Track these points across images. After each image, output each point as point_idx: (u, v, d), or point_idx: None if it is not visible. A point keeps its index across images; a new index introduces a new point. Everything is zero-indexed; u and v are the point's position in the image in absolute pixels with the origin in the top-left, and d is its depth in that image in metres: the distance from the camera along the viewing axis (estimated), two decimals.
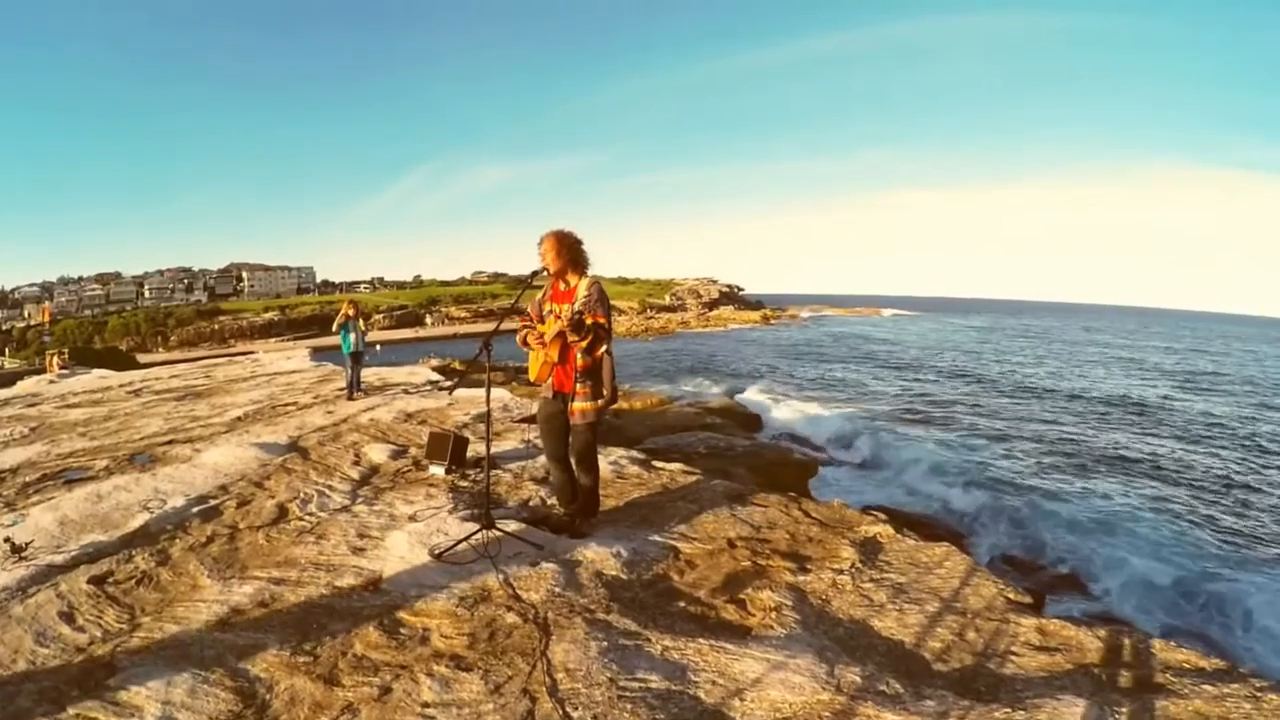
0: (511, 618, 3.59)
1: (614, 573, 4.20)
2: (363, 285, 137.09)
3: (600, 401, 4.69)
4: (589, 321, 4.41)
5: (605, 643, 3.33)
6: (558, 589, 3.91)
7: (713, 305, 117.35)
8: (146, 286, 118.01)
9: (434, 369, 21.03)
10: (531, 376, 4.81)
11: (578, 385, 4.63)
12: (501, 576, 4.02)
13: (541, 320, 4.76)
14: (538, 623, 3.55)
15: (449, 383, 14.43)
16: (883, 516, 5.57)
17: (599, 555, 4.38)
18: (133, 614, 3.75)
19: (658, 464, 6.99)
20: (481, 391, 12.31)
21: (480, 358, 4.57)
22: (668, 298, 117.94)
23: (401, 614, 3.63)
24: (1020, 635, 3.54)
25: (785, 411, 28.90)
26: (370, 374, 15.03)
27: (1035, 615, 3.79)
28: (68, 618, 3.70)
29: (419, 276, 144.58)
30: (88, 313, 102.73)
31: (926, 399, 32.77)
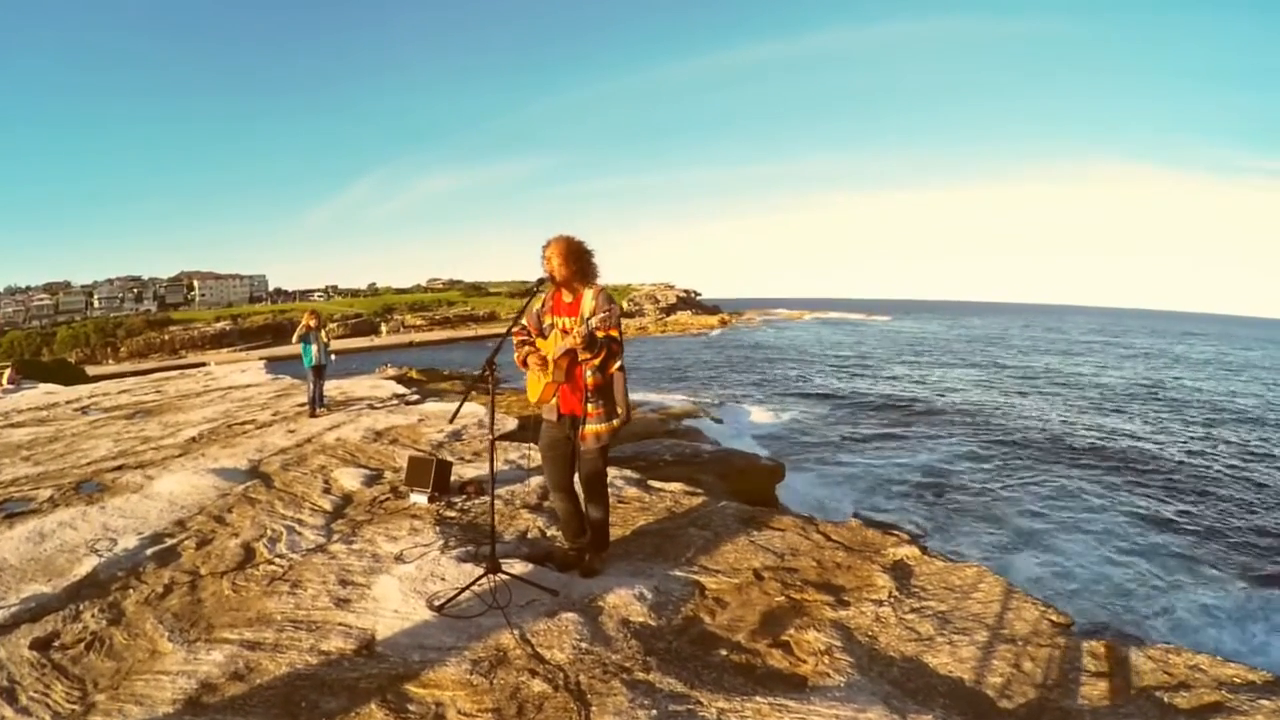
0: (539, 685, 3.07)
1: (641, 619, 3.71)
2: (316, 294, 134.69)
3: (615, 422, 4.20)
4: (601, 335, 3.93)
5: (654, 710, 2.86)
6: (584, 644, 3.40)
7: (670, 310, 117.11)
8: (96, 296, 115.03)
9: (391, 378, 20.39)
10: (532, 398, 4.28)
11: (589, 406, 4.12)
12: (517, 632, 3.48)
13: (542, 334, 4.26)
14: (571, 690, 3.04)
15: (414, 396, 13.82)
16: (905, 537, 5.27)
17: (622, 599, 3.88)
18: (85, 690, 3.16)
19: (655, 484, 6.52)
20: (454, 406, 11.76)
21: (485, 377, 4.00)
22: (625, 303, 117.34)
23: (407, 685, 3.08)
24: (1074, 661, 3.38)
25: (747, 416, 28.80)
26: (330, 387, 14.33)
27: (1084, 638, 3.62)
28: (9, 696, 3.11)
29: (374, 284, 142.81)
30: (35, 323, 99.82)
31: (871, 405, 32.63)
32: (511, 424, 9.46)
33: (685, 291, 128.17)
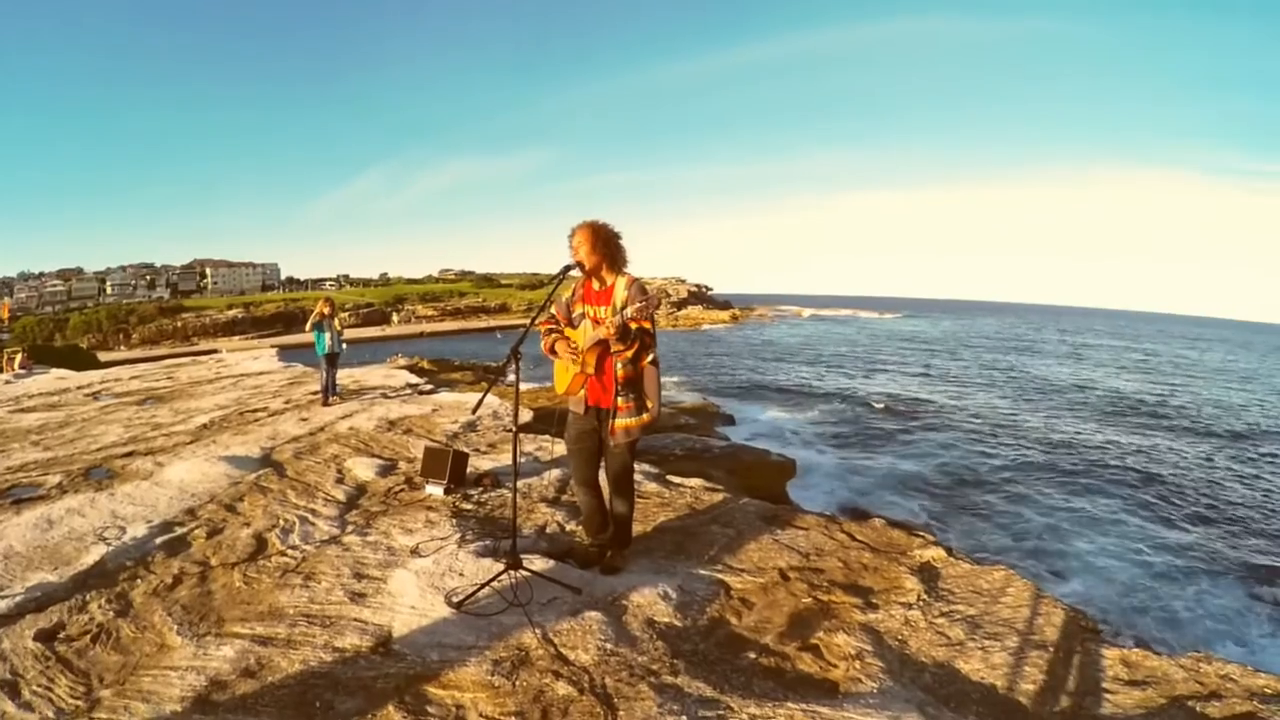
0: (563, 688, 2.93)
1: (667, 619, 3.57)
2: (329, 282, 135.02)
3: (646, 416, 4.02)
4: (634, 327, 3.77)
5: (684, 716, 2.75)
6: (609, 645, 3.26)
7: (681, 305, 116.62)
8: (109, 282, 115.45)
9: (402, 368, 20.35)
10: (559, 389, 4.14)
11: (619, 399, 3.96)
12: (539, 632, 3.34)
13: (571, 323, 4.12)
14: (596, 693, 2.90)
15: (427, 386, 13.72)
16: (931, 538, 5.15)
17: (646, 598, 3.74)
18: (89, 685, 3.04)
19: (674, 479, 6.38)
20: (469, 396, 11.63)
21: (509, 367, 3.83)
22: None
23: (426, 686, 2.94)
24: (1107, 669, 3.32)
25: (757, 412, 28.70)
26: (344, 375, 14.22)
27: (1115, 645, 3.55)
28: (12, 690, 3.01)
29: (385, 274, 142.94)
30: (49, 309, 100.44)
31: (881, 403, 32.38)
32: (527, 415, 9.33)
33: (696, 286, 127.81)
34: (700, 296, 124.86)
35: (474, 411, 3.45)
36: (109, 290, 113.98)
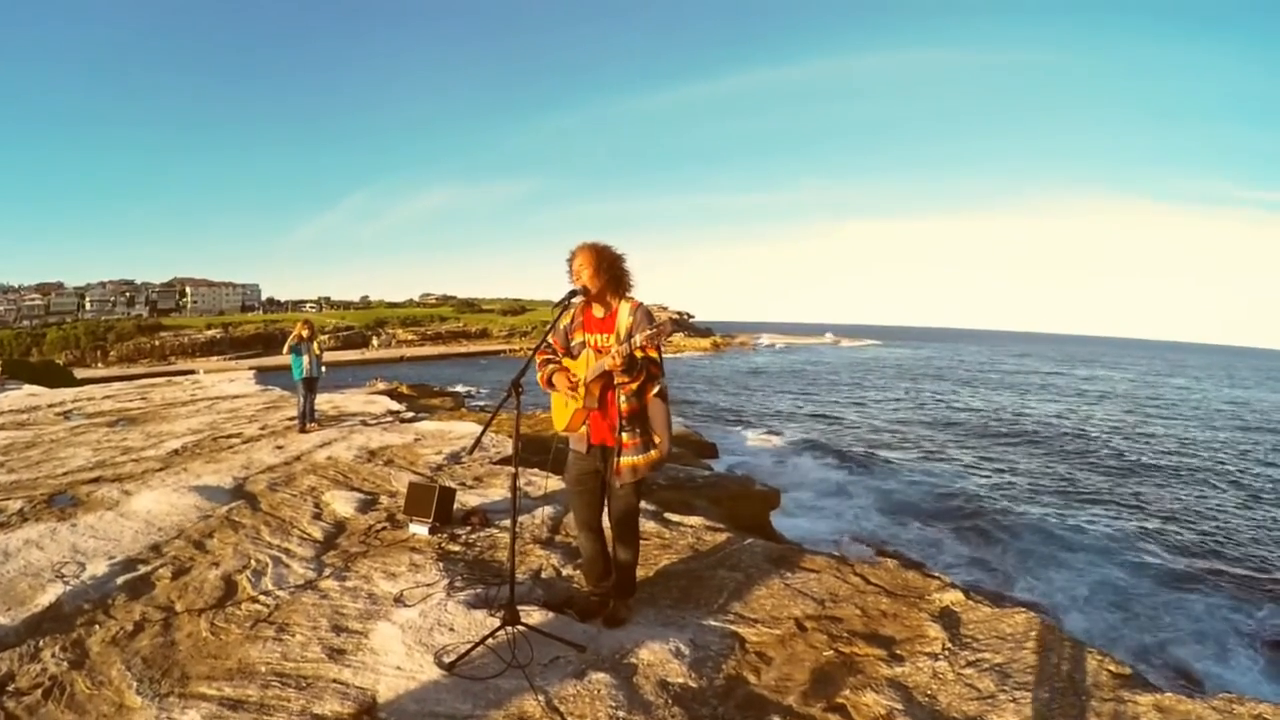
0: None
1: (681, 679, 3.25)
2: (309, 304, 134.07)
3: (654, 453, 3.70)
4: (640, 356, 3.46)
5: None
6: (621, 712, 2.92)
7: None
8: (88, 298, 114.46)
9: (381, 393, 19.95)
10: (559, 426, 3.80)
11: (623, 435, 3.63)
12: (543, 698, 2.99)
13: (570, 353, 3.81)
14: None
15: (409, 414, 13.36)
16: (947, 579, 4.89)
17: (657, 655, 3.41)
18: None
19: (674, 518, 6.04)
20: (451, 425, 11.26)
21: (509, 403, 3.48)
22: None
23: None
24: (1141, 715, 3.11)
25: (740, 440, 28.56)
26: (322, 400, 13.78)
27: (1145, 689, 3.35)
28: None
29: (366, 297, 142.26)
30: (26, 323, 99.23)
31: (864, 431, 32.36)
32: (510, 446, 8.98)
33: (679, 314, 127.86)
34: (681, 324, 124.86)
35: (470, 452, 3.15)
36: (88, 306, 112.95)
